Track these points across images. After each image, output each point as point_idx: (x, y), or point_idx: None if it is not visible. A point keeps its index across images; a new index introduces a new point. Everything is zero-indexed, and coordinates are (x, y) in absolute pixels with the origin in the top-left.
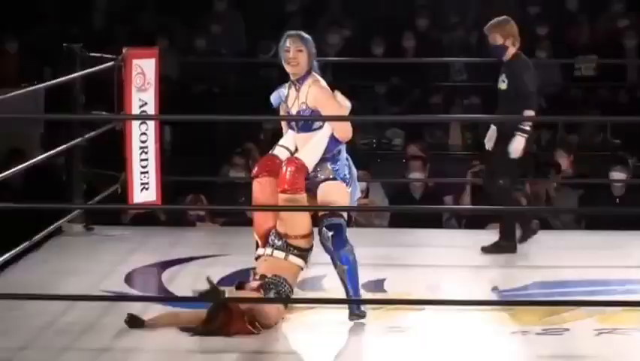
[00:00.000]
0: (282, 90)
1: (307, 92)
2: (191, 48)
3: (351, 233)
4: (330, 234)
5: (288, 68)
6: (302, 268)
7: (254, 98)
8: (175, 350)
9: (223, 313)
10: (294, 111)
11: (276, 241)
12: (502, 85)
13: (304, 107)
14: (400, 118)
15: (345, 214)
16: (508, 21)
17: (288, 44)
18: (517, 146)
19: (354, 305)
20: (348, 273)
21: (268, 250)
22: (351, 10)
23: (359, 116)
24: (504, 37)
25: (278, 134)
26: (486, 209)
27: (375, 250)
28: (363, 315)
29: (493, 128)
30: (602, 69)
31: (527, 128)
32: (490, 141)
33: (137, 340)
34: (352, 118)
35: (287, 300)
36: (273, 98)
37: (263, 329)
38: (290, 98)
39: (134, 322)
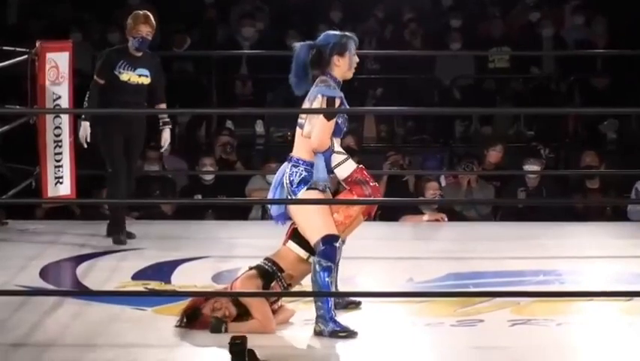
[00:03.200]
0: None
1: None
2: (104, 42)
3: (257, 227)
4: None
5: (349, 73)
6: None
7: (167, 92)
8: (90, 345)
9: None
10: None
11: None
12: None
13: None
14: (315, 110)
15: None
16: None
17: (354, 49)
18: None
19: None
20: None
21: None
22: (265, 2)
23: (273, 109)
24: None
25: (191, 128)
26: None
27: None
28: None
29: None
30: (515, 61)
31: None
32: None
33: (51, 335)
34: (268, 111)
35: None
36: (339, 94)
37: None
38: None
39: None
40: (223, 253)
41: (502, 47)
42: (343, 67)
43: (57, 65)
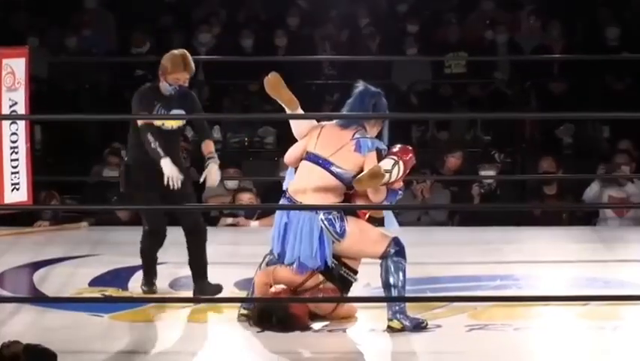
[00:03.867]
0: None
1: None
2: (62, 47)
3: (223, 232)
4: None
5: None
6: None
7: (125, 97)
8: None
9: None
10: None
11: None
12: None
13: None
14: (271, 116)
15: None
16: None
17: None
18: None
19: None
20: None
21: None
22: (221, 8)
23: (230, 115)
24: None
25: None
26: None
27: (246, 249)
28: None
29: None
30: (471, 66)
31: None
32: None
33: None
34: (224, 117)
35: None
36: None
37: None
38: None
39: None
40: (180, 259)
41: (459, 52)
42: (375, 128)
43: (13, 71)
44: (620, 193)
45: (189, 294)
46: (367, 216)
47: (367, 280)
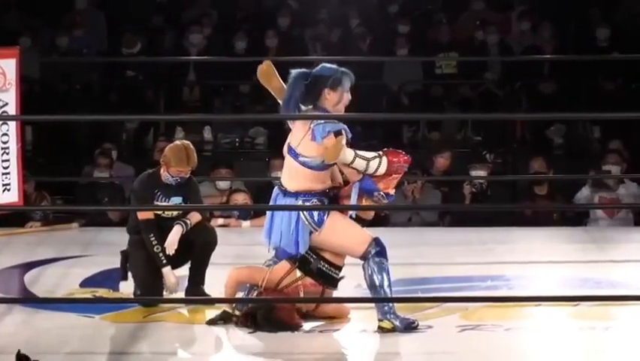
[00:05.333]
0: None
1: None
2: (53, 47)
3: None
4: None
5: (339, 108)
6: None
7: (116, 98)
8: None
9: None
10: None
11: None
12: None
13: None
14: (263, 117)
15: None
16: None
17: (348, 86)
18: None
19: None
20: None
21: None
22: (212, 8)
23: (221, 115)
24: None
25: (138, 134)
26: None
27: (236, 249)
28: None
29: None
30: (462, 67)
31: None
32: None
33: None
34: (215, 117)
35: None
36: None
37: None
38: None
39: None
40: None
41: (450, 52)
42: (332, 100)
43: (4, 72)
44: (611, 195)
45: (181, 296)
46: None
47: (358, 280)
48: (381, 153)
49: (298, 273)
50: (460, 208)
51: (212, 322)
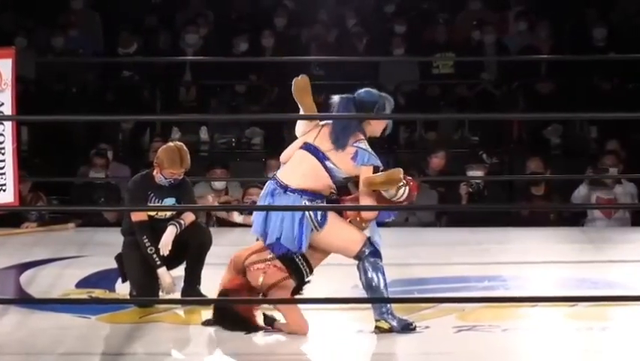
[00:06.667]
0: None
1: None
2: (49, 47)
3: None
4: None
5: (377, 134)
6: None
7: (112, 98)
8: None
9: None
10: None
11: None
12: None
13: None
14: (259, 117)
15: None
16: None
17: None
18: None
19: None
20: None
21: None
22: (209, 8)
23: (218, 115)
24: None
25: (134, 134)
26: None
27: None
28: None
29: None
30: (459, 67)
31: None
32: None
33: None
34: (212, 118)
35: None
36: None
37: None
38: None
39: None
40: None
41: (446, 52)
42: (377, 127)
43: (0, 72)
44: (608, 195)
45: (177, 296)
46: (349, 220)
47: (355, 281)
48: (405, 182)
49: (269, 255)
50: (457, 209)
51: (207, 323)
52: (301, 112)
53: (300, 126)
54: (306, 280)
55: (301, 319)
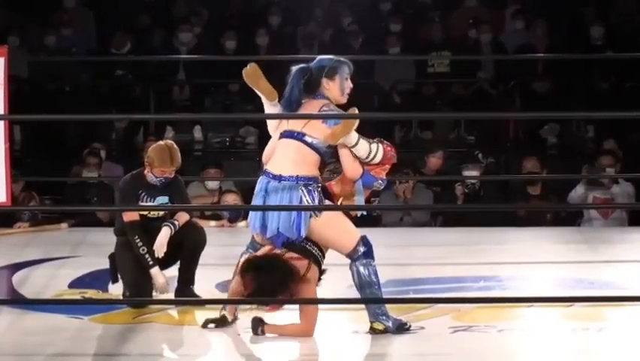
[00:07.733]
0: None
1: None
2: (41, 45)
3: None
4: None
5: (341, 98)
6: None
7: (105, 97)
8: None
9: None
10: None
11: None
12: None
13: None
14: (253, 116)
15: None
16: None
17: (346, 74)
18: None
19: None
20: None
21: None
22: (202, 7)
23: (211, 115)
24: None
25: (128, 133)
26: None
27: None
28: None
29: None
30: (455, 65)
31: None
32: None
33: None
34: (205, 117)
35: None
36: None
37: None
38: None
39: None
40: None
41: (442, 51)
42: (333, 91)
43: None
44: (605, 195)
45: (171, 297)
46: (340, 200)
47: (349, 281)
48: (378, 140)
49: (279, 250)
50: (453, 208)
51: (206, 323)
52: (264, 101)
53: (271, 123)
54: (322, 265)
55: (316, 321)
